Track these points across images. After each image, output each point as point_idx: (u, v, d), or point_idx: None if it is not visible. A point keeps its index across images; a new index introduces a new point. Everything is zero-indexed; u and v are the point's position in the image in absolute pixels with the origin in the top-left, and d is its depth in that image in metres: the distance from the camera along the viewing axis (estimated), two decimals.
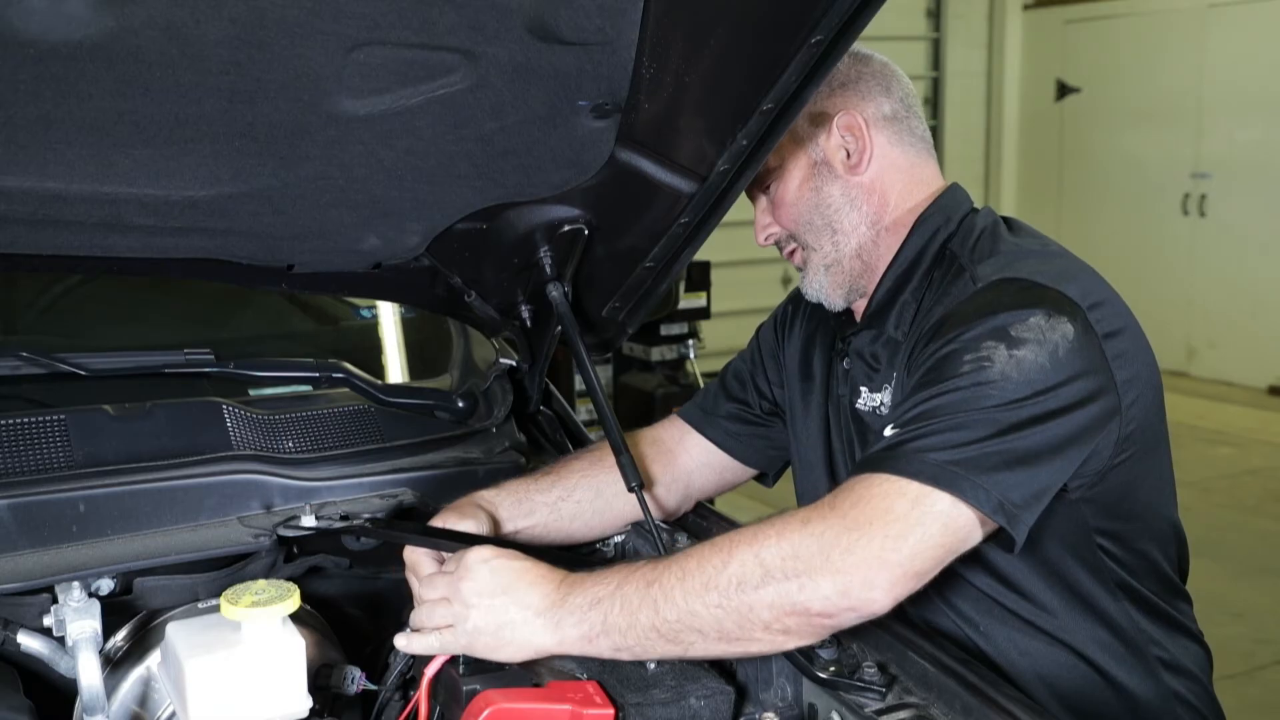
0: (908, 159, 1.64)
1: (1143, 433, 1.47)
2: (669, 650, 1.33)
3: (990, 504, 1.28)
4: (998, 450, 1.31)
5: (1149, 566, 1.56)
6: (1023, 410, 1.33)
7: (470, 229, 1.78)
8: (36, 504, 1.62)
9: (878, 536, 1.26)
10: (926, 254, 1.60)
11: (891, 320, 1.61)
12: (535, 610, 1.37)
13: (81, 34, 1.24)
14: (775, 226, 1.69)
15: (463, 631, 1.38)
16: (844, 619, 1.29)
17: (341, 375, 2.00)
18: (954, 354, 1.38)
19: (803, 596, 1.26)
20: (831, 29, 1.30)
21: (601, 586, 1.36)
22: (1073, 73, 9.52)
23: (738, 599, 1.28)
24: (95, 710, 1.36)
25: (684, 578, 1.31)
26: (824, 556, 1.26)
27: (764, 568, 1.28)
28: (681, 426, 1.91)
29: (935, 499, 1.28)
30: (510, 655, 1.37)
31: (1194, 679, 1.59)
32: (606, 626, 1.33)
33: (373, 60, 1.37)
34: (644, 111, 1.53)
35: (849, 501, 1.30)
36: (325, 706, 1.48)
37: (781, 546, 1.28)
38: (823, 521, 1.28)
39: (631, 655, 1.35)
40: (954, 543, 1.30)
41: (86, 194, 1.51)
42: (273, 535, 1.65)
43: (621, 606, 1.33)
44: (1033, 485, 1.32)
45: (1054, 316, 1.38)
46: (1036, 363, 1.35)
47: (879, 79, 1.64)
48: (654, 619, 1.31)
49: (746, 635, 1.30)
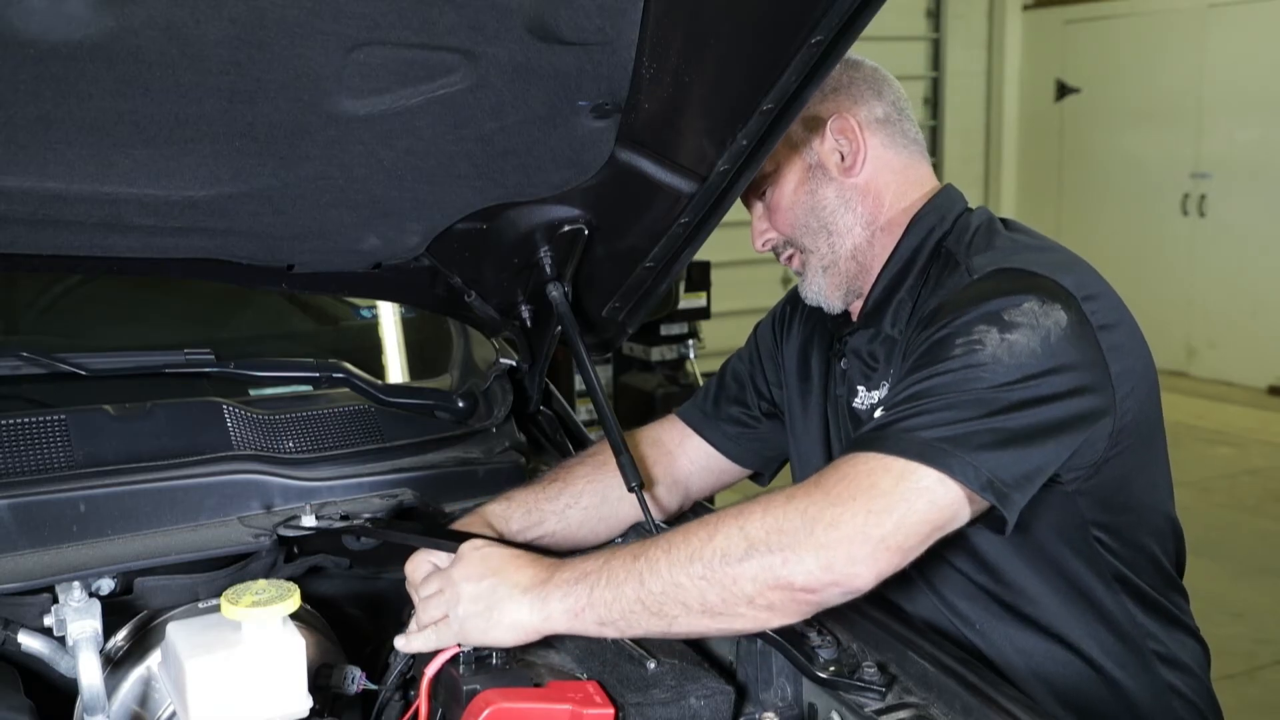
0: (901, 160, 1.65)
1: (1138, 426, 1.47)
2: (654, 625, 1.32)
3: (979, 481, 1.27)
4: (988, 428, 1.30)
5: (1145, 560, 1.56)
6: (1013, 393, 1.32)
7: (470, 229, 1.78)
8: (37, 504, 1.62)
9: (861, 511, 1.25)
10: (921, 252, 1.61)
11: (888, 319, 1.62)
12: (522, 588, 1.36)
13: (81, 34, 1.24)
14: (772, 232, 1.70)
15: (455, 618, 1.38)
16: (828, 595, 1.28)
17: (341, 375, 2.00)
18: (946, 338, 1.39)
19: (786, 570, 1.26)
20: (831, 29, 1.30)
21: (589, 563, 1.36)
22: (1073, 73, 9.52)
23: (721, 571, 1.28)
24: (95, 710, 1.36)
25: (670, 550, 1.31)
26: (808, 531, 1.26)
27: (748, 541, 1.28)
28: (681, 428, 1.91)
29: (921, 474, 1.27)
30: (501, 636, 1.36)
31: (1191, 673, 1.59)
32: (592, 600, 1.33)
33: (373, 60, 1.37)
34: (644, 111, 1.53)
35: (834, 478, 1.30)
36: (325, 706, 1.48)
37: (766, 521, 1.28)
38: (807, 497, 1.28)
39: (617, 631, 1.34)
40: (941, 519, 1.29)
41: (86, 194, 1.51)
42: (273, 535, 1.65)
43: (608, 580, 1.33)
44: (1023, 466, 1.32)
45: (1047, 303, 1.38)
46: (1028, 347, 1.34)
47: (870, 83, 1.66)
48: (639, 591, 1.31)
49: (730, 610, 1.29)
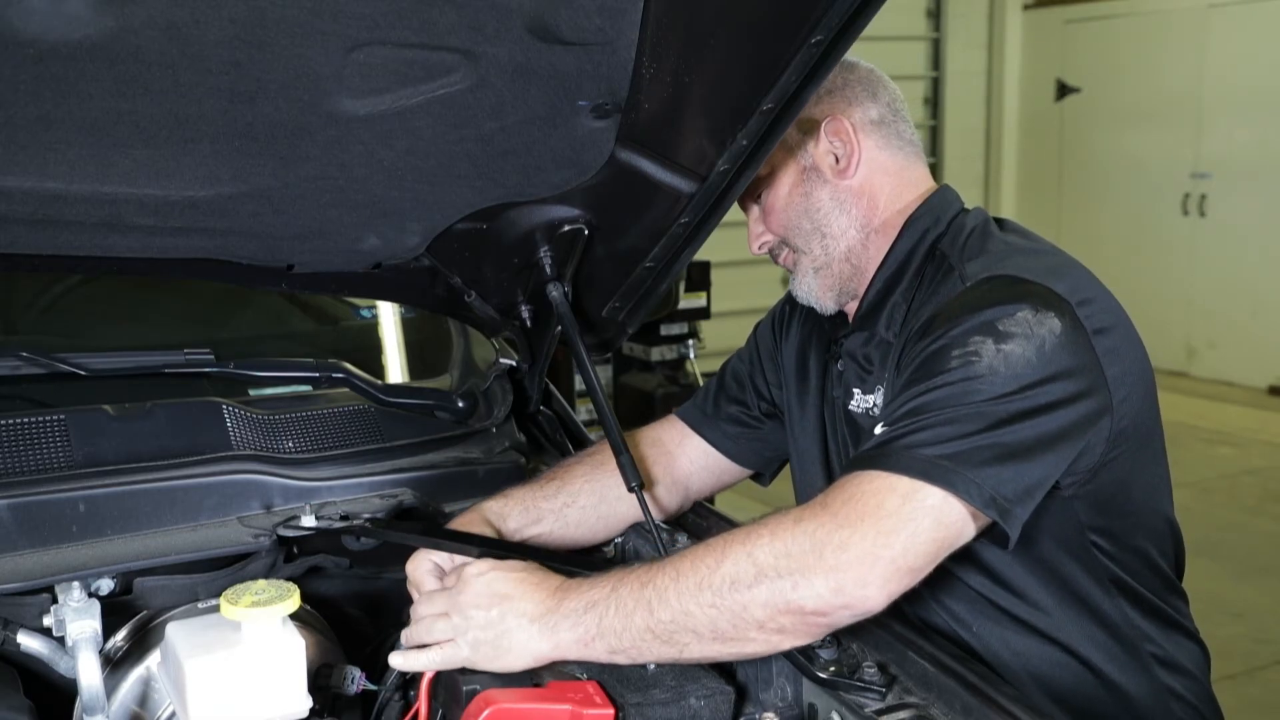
0: (896, 162, 1.65)
1: (1135, 430, 1.47)
2: (664, 652, 1.32)
3: (982, 498, 1.28)
4: (988, 444, 1.30)
5: (1144, 563, 1.56)
6: (1011, 404, 1.33)
7: (470, 229, 1.78)
8: (36, 504, 1.62)
9: (869, 533, 1.25)
10: (916, 254, 1.61)
11: (882, 321, 1.62)
12: (530, 617, 1.36)
13: (81, 34, 1.24)
14: (768, 235, 1.71)
15: (464, 643, 1.38)
16: (839, 617, 1.28)
17: (341, 375, 2.00)
18: (942, 350, 1.38)
19: (796, 595, 1.26)
20: (831, 29, 1.30)
21: (597, 590, 1.36)
22: (1073, 73, 9.52)
23: (731, 598, 1.28)
24: (95, 710, 1.36)
25: (678, 578, 1.31)
26: (817, 554, 1.26)
27: (757, 566, 1.28)
28: (681, 428, 1.91)
29: (926, 494, 1.28)
30: (511, 663, 1.37)
31: (1190, 676, 1.59)
32: (602, 630, 1.33)
33: (373, 60, 1.37)
34: (644, 111, 1.53)
35: (840, 499, 1.29)
36: (325, 706, 1.48)
37: (775, 545, 1.28)
38: (815, 520, 1.28)
39: (628, 659, 1.34)
40: (947, 538, 1.29)
41: (86, 194, 1.51)
42: (273, 535, 1.65)
43: (616, 609, 1.33)
44: (1024, 480, 1.32)
45: (1041, 311, 1.38)
46: (1024, 357, 1.34)
47: (865, 85, 1.66)
48: (649, 620, 1.31)
49: (741, 635, 1.29)
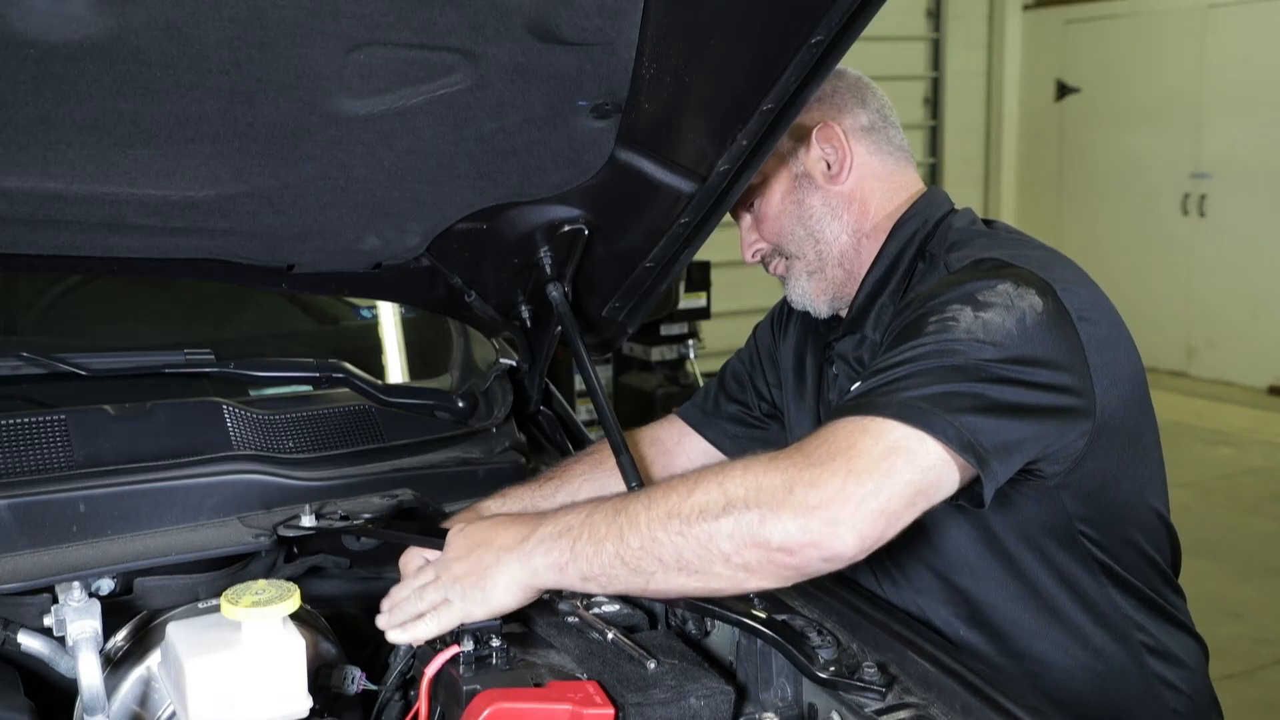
0: (886, 168, 1.67)
1: (1123, 423, 1.46)
2: (632, 581, 1.31)
3: (960, 441, 1.25)
4: (970, 392, 1.29)
5: (1135, 555, 1.55)
6: (994, 368, 1.32)
7: (470, 229, 1.78)
8: (37, 504, 1.62)
9: (840, 471, 1.23)
10: (904, 257, 1.62)
11: (870, 323, 1.62)
12: (506, 548, 1.36)
13: (81, 34, 1.24)
14: (761, 242, 1.72)
15: (454, 598, 1.38)
16: (807, 557, 1.24)
17: (341, 375, 2.00)
18: (920, 318, 1.38)
19: (764, 529, 1.23)
20: (831, 29, 1.30)
21: (572, 516, 1.36)
22: (1072, 73, 9.52)
23: (699, 527, 1.26)
24: (95, 710, 1.36)
25: (650, 505, 1.30)
26: (787, 490, 1.23)
27: (727, 497, 1.26)
28: (680, 427, 1.92)
29: (900, 433, 1.25)
30: (501, 600, 1.36)
31: (1184, 666, 1.58)
32: (575, 554, 1.32)
33: (373, 60, 1.37)
34: (644, 111, 1.53)
35: (815, 442, 1.28)
36: (325, 706, 1.48)
37: (746, 479, 1.27)
38: (788, 459, 1.27)
39: (599, 587, 1.34)
40: (924, 483, 1.26)
41: (87, 194, 1.51)
42: (273, 535, 1.65)
43: (589, 535, 1.32)
44: (1001, 434, 1.29)
45: (1022, 286, 1.38)
46: (1003, 326, 1.34)
47: (854, 92, 1.67)
48: (618, 547, 1.30)
49: (706, 568, 1.27)
